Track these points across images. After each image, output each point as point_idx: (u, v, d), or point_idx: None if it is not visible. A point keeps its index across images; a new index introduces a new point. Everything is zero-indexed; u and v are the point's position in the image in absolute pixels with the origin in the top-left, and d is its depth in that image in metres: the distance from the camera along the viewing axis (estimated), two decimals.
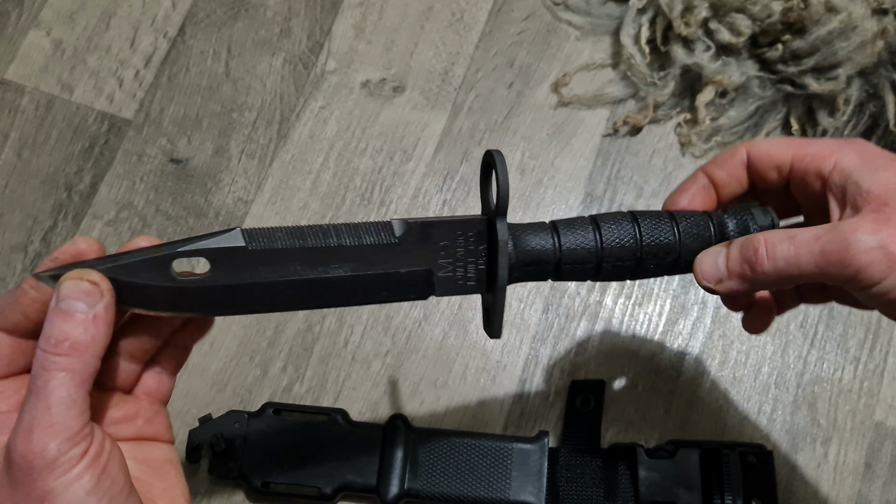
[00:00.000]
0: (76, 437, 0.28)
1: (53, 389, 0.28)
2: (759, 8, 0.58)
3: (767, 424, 0.56)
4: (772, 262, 0.33)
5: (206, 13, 0.64)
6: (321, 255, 0.33)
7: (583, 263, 0.36)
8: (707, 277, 0.36)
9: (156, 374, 0.36)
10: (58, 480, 0.28)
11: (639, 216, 0.37)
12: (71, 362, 0.29)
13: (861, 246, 0.31)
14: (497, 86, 0.63)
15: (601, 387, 0.55)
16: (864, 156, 0.34)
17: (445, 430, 0.53)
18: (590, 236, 0.36)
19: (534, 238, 0.36)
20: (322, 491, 0.51)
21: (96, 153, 0.61)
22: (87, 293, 0.29)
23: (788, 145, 0.37)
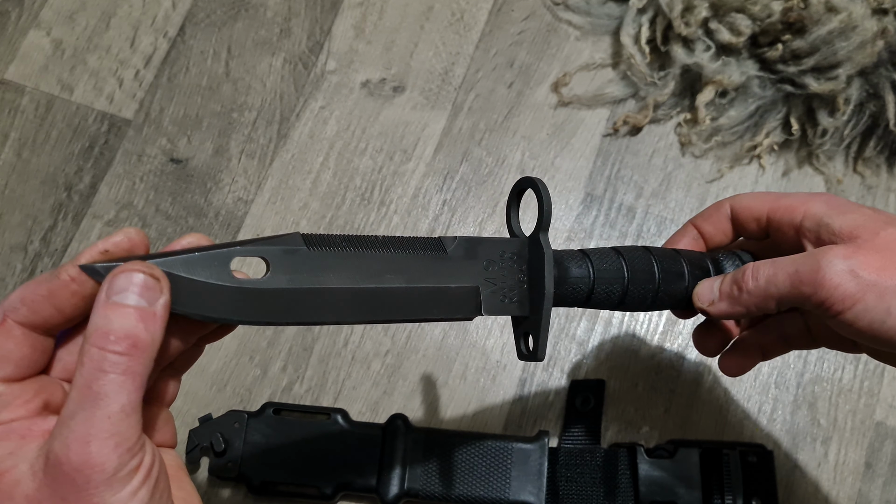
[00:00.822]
0: (134, 448, 0.26)
1: (114, 395, 0.25)
2: (759, 8, 0.58)
3: (767, 424, 0.55)
4: (755, 281, 0.37)
5: (206, 13, 0.64)
6: (376, 264, 0.32)
7: (611, 291, 0.38)
8: (702, 300, 0.40)
9: (165, 377, 0.33)
10: (115, 496, 0.25)
11: (653, 250, 0.40)
12: (132, 364, 0.26)
13: (832, 269, 0.34)
14: (497, 86, 0.63)
15: (601, 387, 0.55)
16: (831, 204, 0.37)
17: (445, 430, 0.53)
18: (617, 264, 0.38)
19: (570, 262, 0.38)
20: (322, 491, 0.51)
21: (96, 153, 0.61)
22: (148, 288, 0.27)
23: (765, 200, 0.40)
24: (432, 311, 0.34)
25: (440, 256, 0.34)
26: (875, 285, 0.33)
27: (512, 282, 0.36)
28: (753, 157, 0.62)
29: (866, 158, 0.61)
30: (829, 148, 0.61)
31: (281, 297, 0.30)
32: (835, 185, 0.61)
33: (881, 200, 0.61)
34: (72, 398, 0.26)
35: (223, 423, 0.52)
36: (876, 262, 0.34)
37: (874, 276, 0.34)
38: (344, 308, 0.32)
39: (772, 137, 0.61)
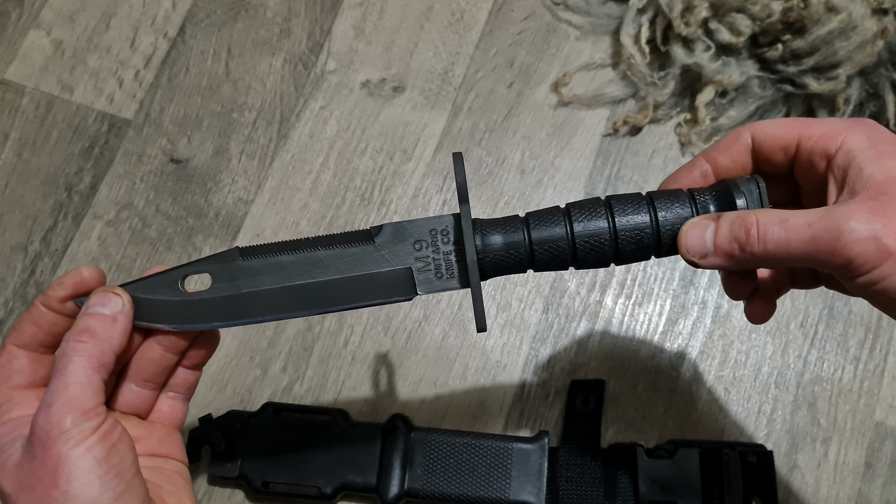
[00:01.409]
0: (90, 413, 0.32)
1: (72, 371, 0.33)
2: (759, 8, 0.58)
3: (767, 424, 0.56)
4: (762, 245, 0.32)
5: (206, 13, 0.64)
6: (306, 263, 0.36)
7: (556, 254, 0.36)
8: (692, 251, 0.34)
9: (169, 400, 0.40)
10: (72, 449, 0.31)
11: (613, 202, 0.36)
12: (88, 348, 0.33)
13: (853, 236, 0.31)
14: (497, 86, 0.63)
15: (601, 387, 0.55)
16: (873, 139, 0.33)
17: (445, 430, 0.53)
18: (560, 229, 0.36)
19: (500, 229, 0.36)
20: (322, 491, 0.51)
21: (96, 153, 0.61)
22: (109, 299, 0.35)
23: (794, 126, 0.35)
24: (367, 296, 0.37)
25: (368, 245, 0.36)
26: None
27: (445, 258, 0.36)
28: None
29: None
30: None
31: (224, 303, 0.36)
32: None
33: None
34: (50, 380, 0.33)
35: (223, 423, 0.52)
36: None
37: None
38: (282, 305, 0.36)
39: None
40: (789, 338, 0.57)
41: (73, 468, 0.31)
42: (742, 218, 0.33)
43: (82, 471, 0.31)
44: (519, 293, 0.58)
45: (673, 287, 0.58)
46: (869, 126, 0.34)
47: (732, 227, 0.33)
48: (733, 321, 0.58)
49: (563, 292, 0.58)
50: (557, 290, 0.58)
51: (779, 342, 0.57)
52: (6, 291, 0.58)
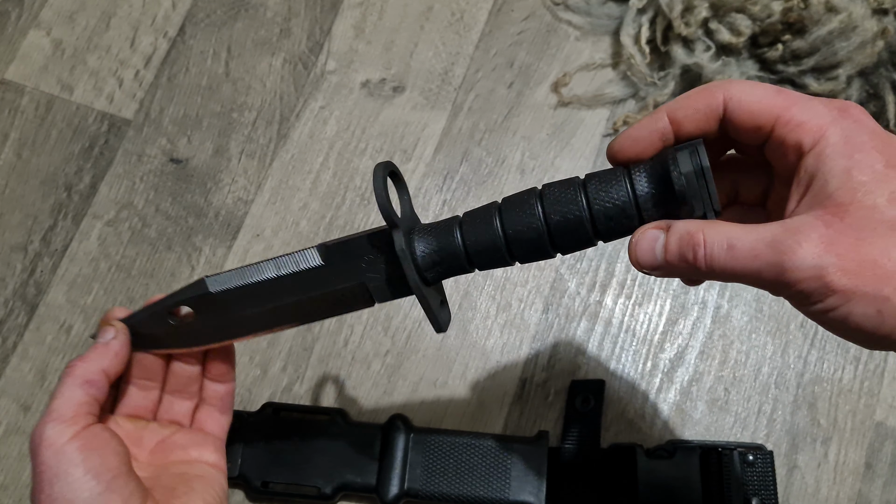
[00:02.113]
0: (68, 422, 0.36)
1: (59, 388, 0.38)
2: (759, 8, 0.58)
3: (767, 424, 0.56)
4: (709, 267, 0.31)
5: (206, 13, 0.64)
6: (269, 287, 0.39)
7: (491, 253, 0.35)
8: (644, 264, 0.33)
9: (206, 411, 0.45)
10: (52, 454, 0.35)
11: (545, 191, 0.34)
12: (75, 369, 0.38)
13: (797, 274, 0.29)
14: (497, 86, 0.63)
15: (601, 387, 0.55)
16: (851, 144, 0.29)
17: (445, 430, 0.53)
18: (492, 228, 0.35)
19: (439, 237, 0.36)
20: (322, 491, 0.51)
21: (96, 153, 0.61)
22: (104, 332, 0.40)
23: (773, 104, 0.31)
24: (331, 310, 0.39)
25: (317, 266, 0.38)
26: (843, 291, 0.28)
27: (391, 268, 0.37)
28: None
29: None
30: None
31: (211, 328, 0.41)
32: None
33: None
34: None
35: None
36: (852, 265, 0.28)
37: (843, 280, 0.28)
38: (263, 323, 0.40)
39: None
40: (789, 338, 0.57)
41: (54, 472, 0.35)
42: (690, 235, 0.31)
43: (61, 473, 0.35)
44: (519, 293, 0.58)
45: (673, 287, 0.58)
46: (852, 122, 0.30)
47: (681, 244, 0.31)
48: (733, 321, 0.58)
49: (563, 292, 0.58)
50: (557, 290, 0.58)
51: (779, 342, 0.57)
52: (6, 291, 0.58)
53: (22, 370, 0.57)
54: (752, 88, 0.32)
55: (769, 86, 0.32)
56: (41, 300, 0.58)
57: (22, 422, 0.55)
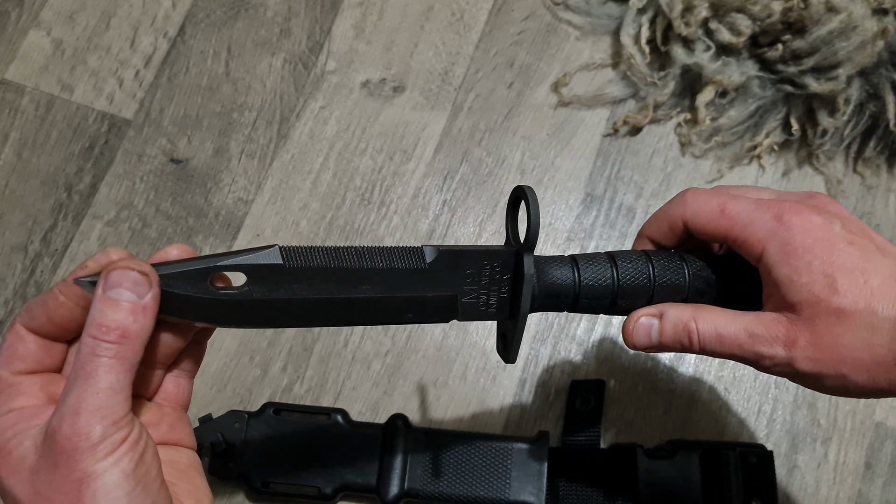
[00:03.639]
0: (121, 422, 0.29)
1: (103, 375, 0.29)
2: (759, 8, 0.58)
3: (767, 425, 0.56)
4: (700, 349, 0.37)
5: (206, 13, 0.64)
6: (353, 276, 0.34)
7: (599, 298, 0.38)
8: (639, 344, 0.38)
9: (174, 379, 0.37)
10: (99, 462, 0.29)
11: (652, 255, 0.39)
12: (121, 350, 0.29)
13: (773, 361, 0.36)
14: (497, 86, 0.63)
15: (601, 387, 0.55)
16: (788, 249, 0.35)
17: (445, 430, 0.53)
18: (608, 273, 0.38)
19: (556, 271, 0.37)
20: (322, 491, 0.51)
21: (96, 153, 0.61)
22: (136, 283, 0.30)
23: (718, 226, 0.38)
24: (406, 316, 0.35)
25: (419, 267, 0.35)
26: (810, 374, 0.35)
27: (492, 291, 0.36)
28: (753, 157, 0.62)
29: (866, 159, 0.61)
30: (829, 148, 0.61)
31: (256, 307, 0.33)
32: (835, 185, 0.61)
33: (881, 200, 0.61)
34: (69, 379, 0.30)
35: (223, 423, 0.52)
36: (813, 354, 0.35)
37: (809, 366, 0.35)
38: (318, 316, 0.34)
39: (772, 138, 0.61)
40: None
41: (100, 484, 0.28)
42: (685, 323, 0.37)
43: (110, 487, 0.29)
44: None
45: None
46: (786, 230, 0.36)
47: (676, 330, 0.37)
48: None
49: None
50: None
51: None
52: (6, 291, 0.58)
53: None
54: (702, 210, 0.38)
55: (715, 205, 0.37)
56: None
57: None
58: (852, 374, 0.34)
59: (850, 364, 0.34)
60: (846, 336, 0.34)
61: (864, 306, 0.33)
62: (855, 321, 0.34)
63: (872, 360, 0.34)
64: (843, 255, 0.34)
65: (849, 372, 0.34)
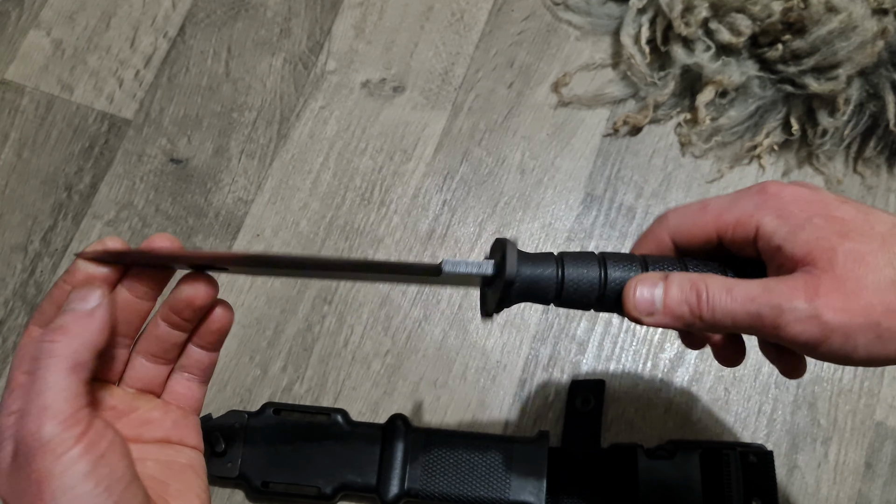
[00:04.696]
0: (69, 421, 0.30)
1: (44, 375, 0.30)
2: (759, 8, 0.58)
3: (767, 424, 0.56)
4: (710, 311, 0.33)
5: (206, 13, 0.64)
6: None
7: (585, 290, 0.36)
8: (640, 308, 0.34)
9: (184, 381, 0.38)
10: (54, 462, 0.29)
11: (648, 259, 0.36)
12: (61, 348, 0.30)
13: (795, 315, 0.31)
14: (497, 86, 0.63)
15: (601, 387, 0.55)
16: (783, 214, 0.33)
17: (445, 430, 0.53)
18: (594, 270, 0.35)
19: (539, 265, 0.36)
20: (322, 491, 0.51)
21: (96, 153, 0.61)
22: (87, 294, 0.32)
23: (707, 219, 0.35)
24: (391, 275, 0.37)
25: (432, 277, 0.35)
26: (840, 328, 0.31)
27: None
28: (753, 157, 0.62)
29: (866, 158, 0.61)
30: (829, 148, 0.61)
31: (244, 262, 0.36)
32: (835, 185, 0.61)
33: (881, 200, 0.61)
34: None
35: (223, 423, 0.52)
36: (839, 302, 0.31)
37: (838, 317, 0.31)
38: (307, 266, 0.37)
39: (772, 137, 0.61)
40: None
41: (57, 485, 0.29)
42: (693, 281, 0.34)
43: (67, 487, 0.29)
44: None
45: None
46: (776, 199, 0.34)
47: (683, 289, 0.34)
48: None
49: None
50: None
51: None
52: (6, 291, 0.58)
53: None
54: (684, 216, 0.36)
55: (694, 205, 0.36)
56: (41, 300, 0.58)
57: None
58: (886, 320, 0.31)
59: (880, 309, 0.31)
60: (870, 276, 0.31)
61: (878, 246, 0.31)
62: (875, 261, 0.31)
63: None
64: (842, 210, 0.33)
65: (882, 317, 0.31)
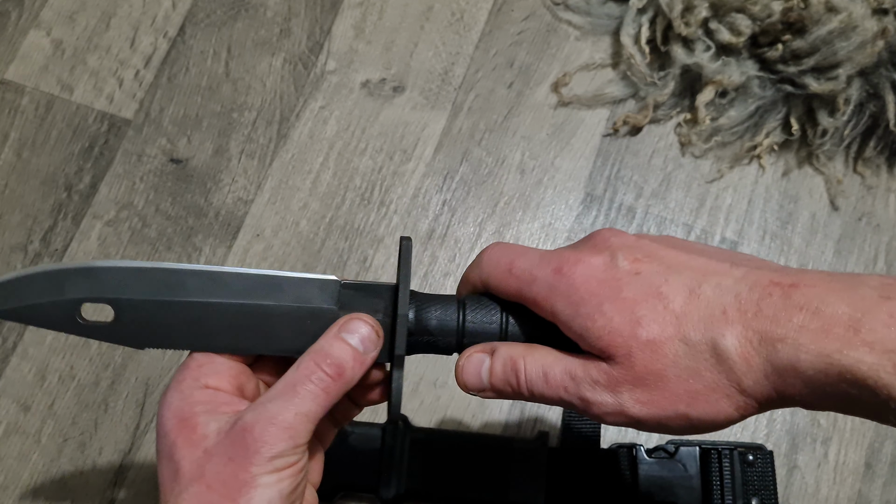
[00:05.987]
0: (300, 448, 0.31)
1: (308, 400, 0.31)
2: (759, 8, 0.58)
3: (767, 424, 0.55)
4: (529, 392, 0.33)
5: (206, 13, 0.64)
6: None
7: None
8: (471, 386, 0.35)
9: (329, 424, 0.38)
10: (268, 475, 0.30)
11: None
12: (333, 386, 0.32)
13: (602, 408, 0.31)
14: (497, 86, 0.63)
15: None
16: (574, 301, 0.32)
17: (445, 431, 0.53)
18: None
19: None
20: (322, 491, 0.51)
21: (96, 153, 0.61)
22: (370, 340, 0.33)
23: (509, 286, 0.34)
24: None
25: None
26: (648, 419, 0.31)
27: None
28: (753, 157, 0.62)
29: (866, 158, 0.61)
30: (829, 148, 0.61)
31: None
32: (835, 185, 0.61)
33: (881, 200, 0.61)
34: (276, 388, 0.32)
35: None
36: (643, 396, 0.31)
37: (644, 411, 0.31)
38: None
39: (772, 137, 0.61)
40: None
41: (257, 493, 0.30)
42: (513, 361, 0.33)
43: (264, 499, 0.30)
44: None
45: None
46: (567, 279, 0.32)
47: (505, 369, 0.34)
48: None
49: None
50: None
51: None
52: None
53: (22, 370, 0.57)
54: (494, 271, 0.35)
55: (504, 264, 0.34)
56: None
57: (22, 422, 0.55)
58: (692, 409, 0.30)
59: (685, 399, 0.30)
60: (669, 369, 0.30)
61: (673, 332, 0.30)
62: (671, 351, 0.30)
63: (707, 387, 0.30)
64: (633, 288, 0.31)
65: (688, 408, 0.30)
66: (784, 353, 0.28)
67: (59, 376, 0.56)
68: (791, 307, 0.28)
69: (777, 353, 0.28)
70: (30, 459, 0.55)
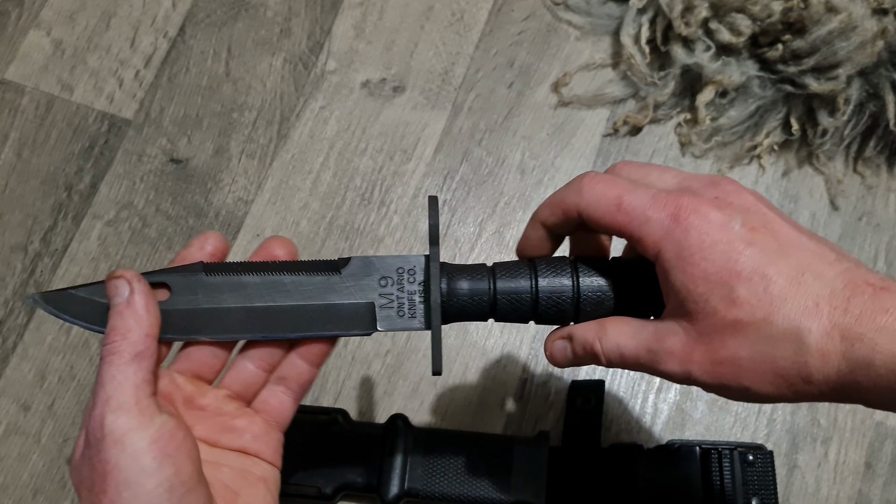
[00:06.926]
0: (132, 410, 0.31)
1: (105, 371, 0.32)
2: (759, 8, 0.58)
3: (767, 424, 0.56)
4: (608, 363, 0.36)
5: (206, 13, 0.64)
6: (270, 286, 0.36)
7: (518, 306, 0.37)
8: (557, 361, 0.38)
9: (279, 394, 0.38)
10: (119, 454, 0.30)
11: (579, 262, 0.37)
12: (116, 346, 0.32)
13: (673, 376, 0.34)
14: (497, 86, 0.63)
15: (601, 387, 0.55)
16: (683, 255, 0.32)
17: (445, 430, 0.53)
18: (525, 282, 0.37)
19: (471, 278, 0.37)
20: (322, 491, 0.51)
21: (96, 153, 0.61)
22: (116, 288, 0.34)
23: (614, 220, 0.34)
24: (326, 326, 0.36)
25: (334, 275, 0.36)
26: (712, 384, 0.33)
27: (409, 298, 0.37)
28: (753, 157, 0.62)
29: (866, 158, 0.61)
30: (829, 148, 0.61)
31: (180, 317, 0.36)
32: (835, 185, 0.61)
33: (881, 200, 0.61)
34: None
35: None
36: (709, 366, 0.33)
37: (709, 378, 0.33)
38: (239, 325, 0.36)
39: (772, 137, 0.61)
40: None
41: (121, 478, 0.30)
42: (590, 345, 0.36)
43: (130, 481, 0.30)
44: None
45: None
46: (683, 231, 0.33)
47: (585, 351, 0.36)
48: None
49: None
50: None
51: None
52: (6, 291, 0.58)
53: (22, 370, 0.57)
54: (598, 202, 0.35)
55: (612, 197, 0.34)
56: None
57: (22, 422, 0.56)
58: (755, 385, 0.32)
59: (750, 377, 0.32)
60: (745, 349, 0.31)
61: (762, 316, 0.31)
62: (753, 333, 0.31)
63: (775, 372, 0.31)
64: (742, 260, 0.31)
65: (751, 384, 0.32)
66: (860, 351, 0.29)
67: (59, 376, 0.56)
68: (877, 309, 0.29)
69: (853, 352, 0.29)
70: (30, 459, 0.55)
